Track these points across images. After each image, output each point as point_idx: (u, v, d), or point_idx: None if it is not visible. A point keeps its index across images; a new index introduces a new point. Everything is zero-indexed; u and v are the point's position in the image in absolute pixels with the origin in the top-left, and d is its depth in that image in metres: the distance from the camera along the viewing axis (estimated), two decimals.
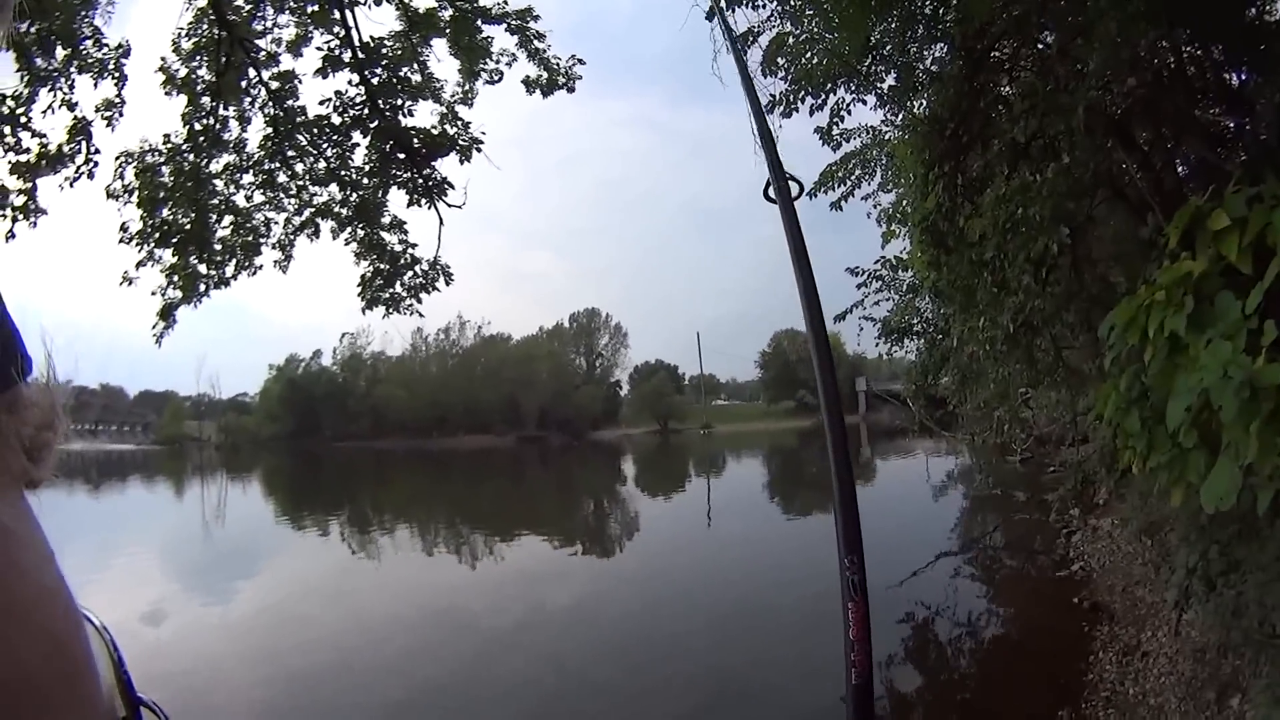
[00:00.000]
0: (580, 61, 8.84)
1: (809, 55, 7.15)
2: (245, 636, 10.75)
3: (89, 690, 0.45)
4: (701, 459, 47.03)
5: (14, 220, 7.07)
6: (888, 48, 7.16)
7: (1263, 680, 3.67)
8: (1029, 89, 5.67)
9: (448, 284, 9.24)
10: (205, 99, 8.11)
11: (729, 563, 14.41)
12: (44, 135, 7.14)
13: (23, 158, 7.05)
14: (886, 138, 10.14)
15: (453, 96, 8.84)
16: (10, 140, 6.96)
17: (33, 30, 6.61)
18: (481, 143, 8.82)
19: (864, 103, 7.71)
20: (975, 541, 14.10)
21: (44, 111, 7.10)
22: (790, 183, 2.22)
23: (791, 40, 7.18)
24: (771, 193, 2.20)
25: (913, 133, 7.90)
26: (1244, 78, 5.41)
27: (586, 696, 8.00)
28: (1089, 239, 6.56)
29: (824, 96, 7.38)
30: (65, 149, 7.23)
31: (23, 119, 6.97)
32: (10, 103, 6.85)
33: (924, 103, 7.62)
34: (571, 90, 8.90)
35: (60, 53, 7.03)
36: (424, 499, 32.37)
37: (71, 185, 7.36)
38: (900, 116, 8.30)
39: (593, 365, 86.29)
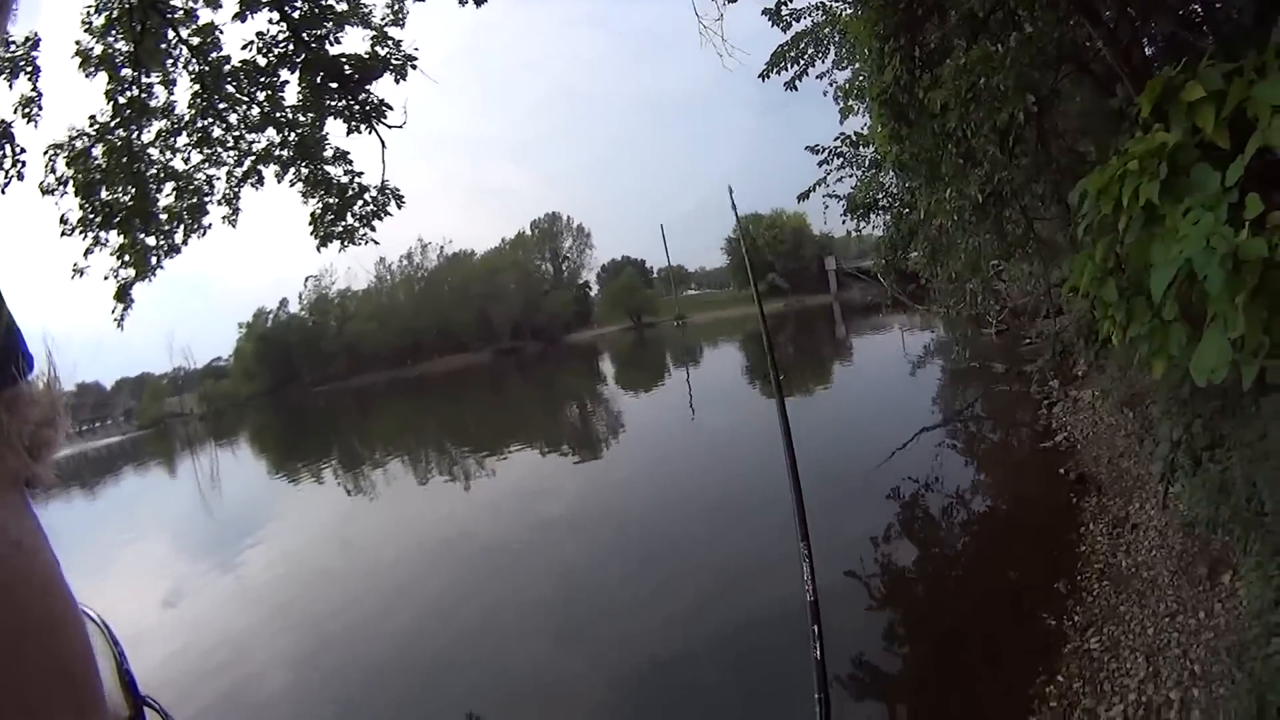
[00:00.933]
0: None
1: None
2: (262, 600, 10.87)
3: (92, 690, 0.45)
4: (678, 351, 47.44)
5: None
6: None
7: (1252, 558, 3.76)
8: None
9: (399, 207, 9.18)
10: (126, 71, 7.75)
11: (715, 453, 14.69)
12: None
13: None
14: (838, 14, 9.86)
15: (382, 19, 8.47)
16: None
17: None
18: (416, 60, 8.55)
19: None
20: (957, 415, 14.35)
21: None
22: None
23: None
24: None
25: (865, 7, 7.65)
26: None
27: (595, 604, 8.26)
28: (1054, 113, 6.45)
29: None
30: None
31: None
32: None
33: None
34: None
35: None
36: (409, 427, 32.72)
37: (3, 192, 7.16)
38: None
39: (559, 269, 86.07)
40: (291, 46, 8.21)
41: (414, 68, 8.55)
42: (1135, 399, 7.31)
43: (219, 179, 8.69)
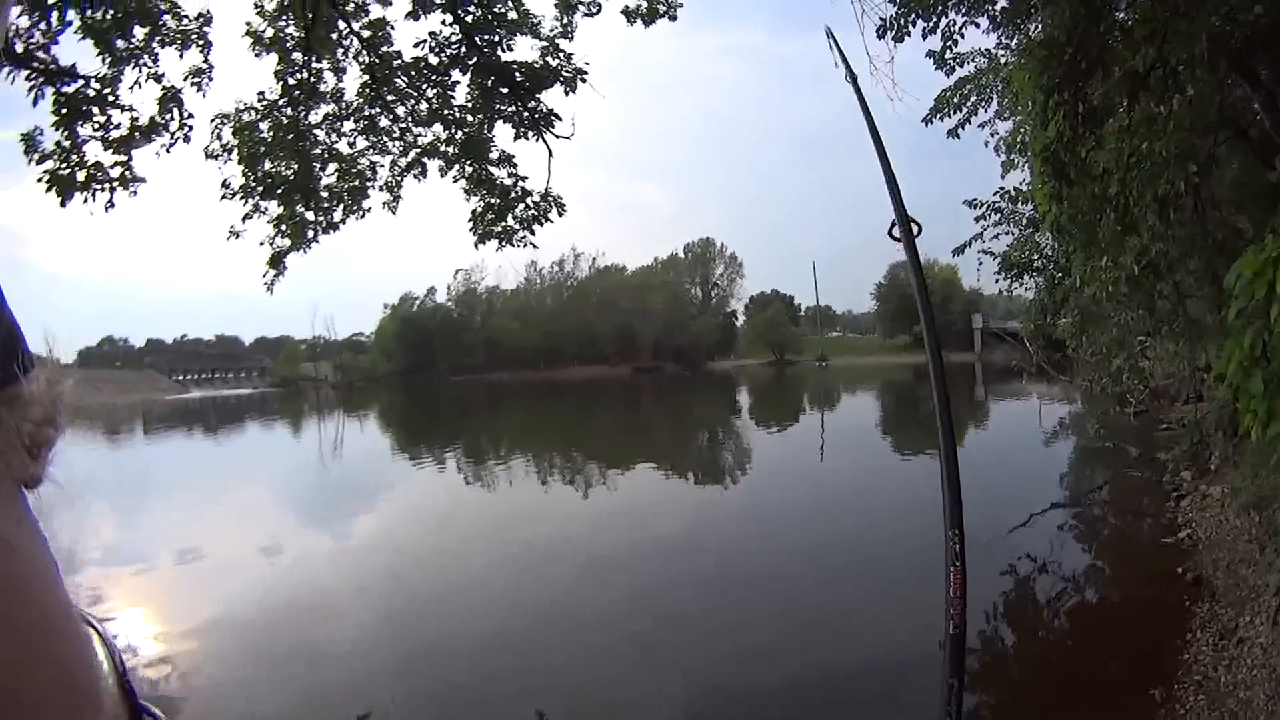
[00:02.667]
0: None
1: None
2: (364, 570, 11.17)
3: (89, 694, 0.45)
4: (816, 392, 46.68)
5: (112, 191, 7.28)
6: None
7: None
8: (1147, 13, 5.17)
9: (560, 215, 9.25)
10: (296, 55, 8.23)
11: (838, 499, 14.38)
12: (133, 109, 7.32)
13: (115, 133, 7.24)
14: (1002, 62, 9.55)
15: (552, 30, 8.74)
16: (100, 120, 7.15)
17: (108, 16, 6.79)
18: (586, 73, 8.71)
19: (976, 25, 7.20)
20: (1084, 496, 13.44)
21: (131, 87, 7.27)
22: (912, 224, 2.36)
23: None
24: (896, 232, 2.35)
25: (1028, 58, 7.39)
26: None
27: (679, 626, 8.16)
28: (1212, 180, 6.03)
29: (935, 19, 6.94)
30: (157, 119, 7.41)
31: (110, 98, 7.14)
32: (95, 85, 7.03)
33: (1038, 25, 7.09)
34: (673, 19, 8.68)
35: (140, 31, 7.16)
36: (539, 430, 33.16)
37: (168, 151, 7.58)
38: (1015, 40, 7.78)
39: (708, 295, 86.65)
40: (464, 49, 8.54)
41: (584, 81, 8.70)
42: (1263, 502, 6.67)
43: (383, 166, 9.04)
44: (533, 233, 9.17)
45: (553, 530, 13.00)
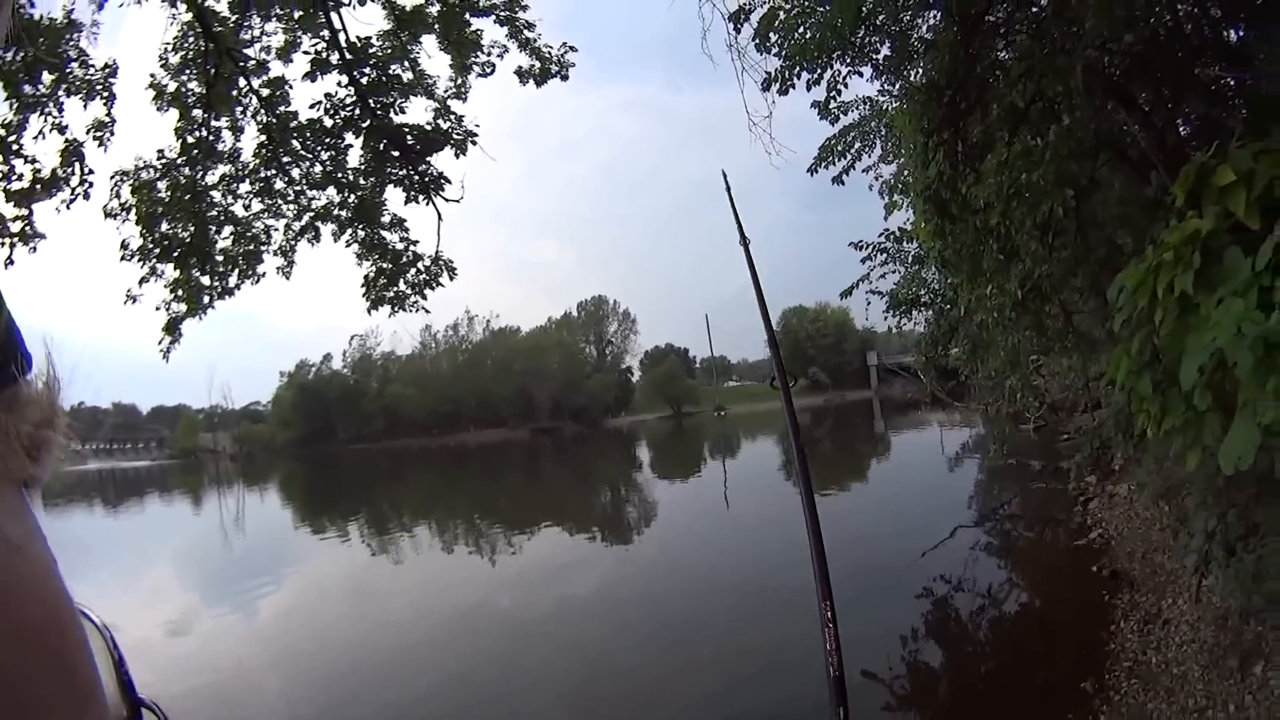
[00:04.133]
0: (572, 49, 8.76)
1: (802, 30, 7.05)
2: (271, 644, 10.83)
3: (89, 690, 0.45)
4: (716, 441, 47.05)
5: (12, 247, 7.04)
6: (880, 17, 7.08)
7: None
8: (1025, 52, 5.62)
9: (451, 279, 9.23)
10: (197, 111, 8.08)
11: (747, 544, 14.30)
12: (36, 161, 7.12)
13: (17, 185, 7.03)
14: (884, 108, 10.09)
15: (445, 91, 8.78)
16: (3, 169, 6.95)
17: (18, 58, 6.60)
18: (476, 136, 8.76)
19: (860, 74, 7.61)
20: (993, 512, 14.01)
21: (35, 137, 7.08)
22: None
23: (783, 15, 7.08)
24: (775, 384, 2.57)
25: (910, 102, 7.82)
26: (1242, 33, 5.33)
27: (611, 682, 8.05)
28: (1093, 202, 6.50)
29: (819, 70, 7.29)
30: (59, 172, 7.21)
31: (14, 146, 6.95)
32: (1, 130, 6.84)
33: (920, 71, 7.54)
34: (565, 79, 8.82)
35: (47, 77, 7.00)
36: (441, 497, 32.45)
37: (68, 208, 7.34)
38: (898, 86, 8.23)
39: (603, 353, 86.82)
40: (358, 111, 8.51)
41: (474, 143, 8.73)
42: (1171, 492, 7.11)
43: (277, 229, 8.86)
44: (424, 297, 9.11)
45: (467, 597, 12.70)
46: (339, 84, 8.38)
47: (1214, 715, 4.53)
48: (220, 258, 8.51)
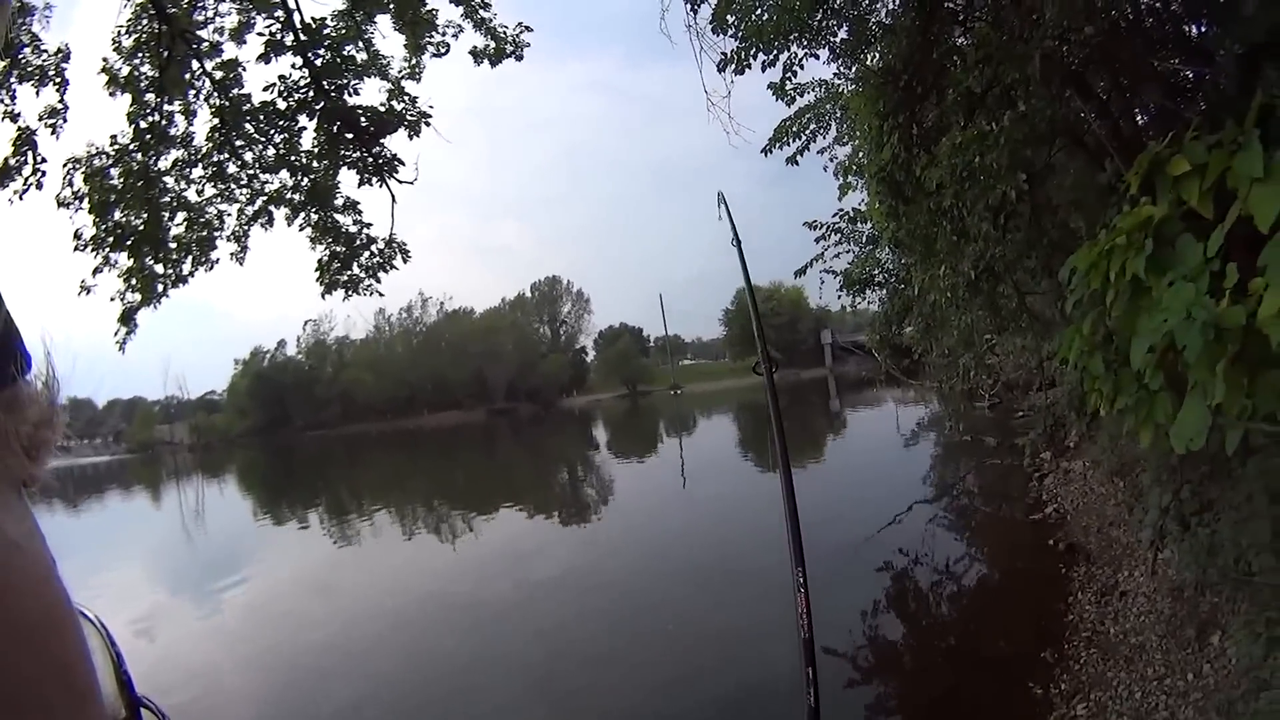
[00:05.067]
0: (528, 29, 8.68)
1: (759, 12, 7.06)
2: (239, 639, 10.74)
3: (88, 689, 0.45)
4: (672, 420, 47.20)
5: None
6: (839, 1, 7.11)
7: (1241, 617, 3.79)
8: (983, 39, 5.67)
9: (405, 261, 9.16)
10: (149, 96, 7.88)
11: (706, 522, 14.47)
12: None
13: None
14: (840, 91, 10.15)
15: (400, 72, 8.68)
16: None
17: None
18: (430, 117, 8.68)
19: (816, 57, 7.60)
20: (949, 488, 14.33)
21: None
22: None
23: None
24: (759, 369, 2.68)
25: (866, 85, 7.88)
26: (1203, 28, 5.45)
27: (577, 667, 8.06)
28: (1048, 186, 6.63)
29: (775, 53, 7.30)
30: (11, 162, 7.04)
31: None
32: None
33: (876, 55, 7.61)
34: (520, 59, 8.74)
35: None
36: (399, 481, 32.17)
37: (20, 198, 7.18)
38: (854, 69, 8.28)
39: (557, 333, 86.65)
40: (312, 93, 8.36)
41: (428, 124, 8.66)
42: (1125, 468, 7.35)
43: (230, 215, 8.71)
44: (378, 280, 9.04)
45: (429, 584, 12.67)
46: (293, 66, 8.23)
47: (1173, 683, 4.71)
48: (174, 245, 8.34)
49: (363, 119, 8.56)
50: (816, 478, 17.92)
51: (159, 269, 8.25)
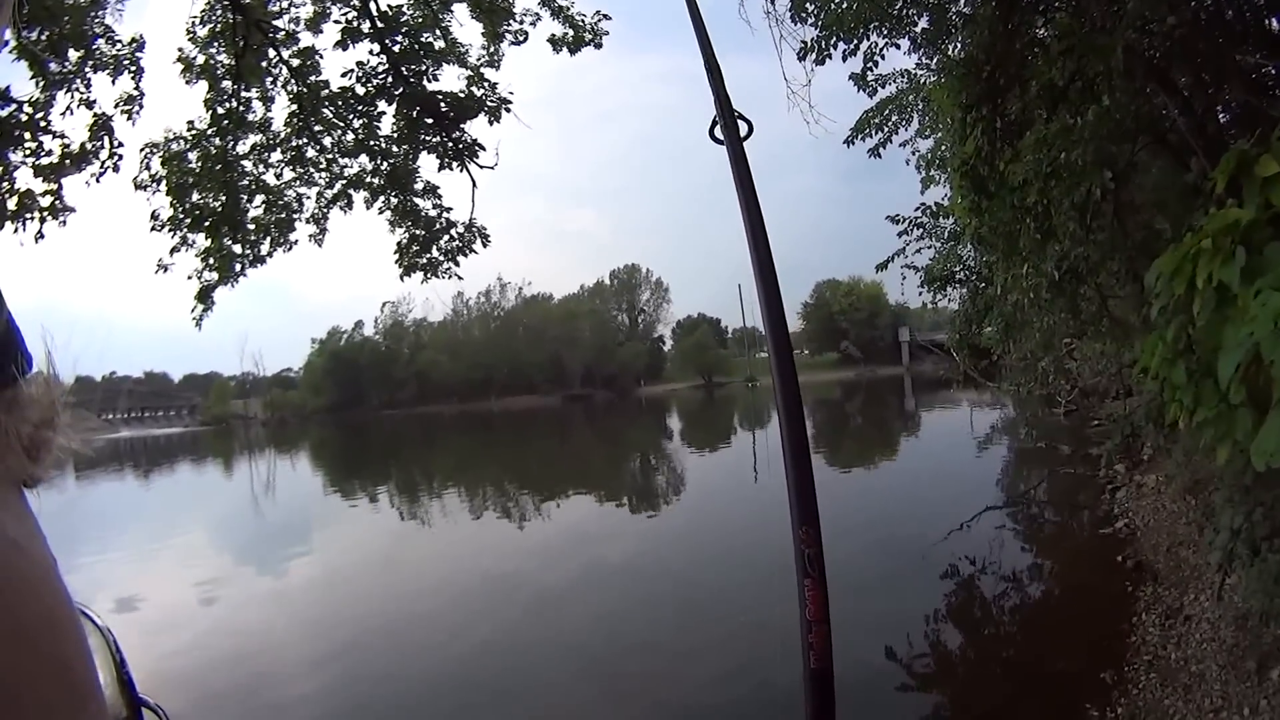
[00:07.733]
0: (606, 17, 8.71)
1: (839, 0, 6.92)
2: (299, 609, 11.03)
3: (88, 690, 0.45)
4: (746, 412, 46.83)
5: (42, 221, 7.13)
6: None
7: None
8: (1065, 30, 5.44)
9: (484, 245, 9.29)
10: (226, 83, 8.14)
11: (776, 518, 14.28)
12: (65, 136, 7.19)
13: (46, 160, 7.10)
14: (922, 82, 9.89)
15: (478, 59, 8.78)
16: (31, 145, 7.01)
17: (43, 37, 6.68)
18: (510, 103, 8.78)
19: (897, 47, 7.47)
20: (1020, 496, 13.90)
21: (63, 112, 7.17)
22: (739, 121, 1.91)
23: None
24: (718, 133, 1.87)
25: (948, 76, 7.66)
26: None
27: (634, 654, 8.09)
28: (1131, 185, 6.32)
29: (856, 42, 7.15)
30: (88, 146, 7.30)
31: (41, 123, 7.02)
32: (28, 108, 6.90)
33: (958, 45, 7.37)
34: (599, 47, 8.79)
35: (73, 54, 7.07)
36: (471, 463, 32.69)
37: (97, 180, 7.45)
38: (935, 60, 8.07)
39: (635, 321, 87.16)
40: (390, 79, 8.52)
41: (508, 110, 8.75)
42: (1198, 486, 7.00)
43: (309, 198, 8.96)
44: (457, 264, 9.18)
45: (500, 563, 12.76)
46: (370, 52, 8.41)
47: (1228, 717, 4.47)
48: (252, 226, 8.60)
49: (442, 104, 8.68)
50: (886, 477, 17.65)
51: (237, 249, 8.51)
